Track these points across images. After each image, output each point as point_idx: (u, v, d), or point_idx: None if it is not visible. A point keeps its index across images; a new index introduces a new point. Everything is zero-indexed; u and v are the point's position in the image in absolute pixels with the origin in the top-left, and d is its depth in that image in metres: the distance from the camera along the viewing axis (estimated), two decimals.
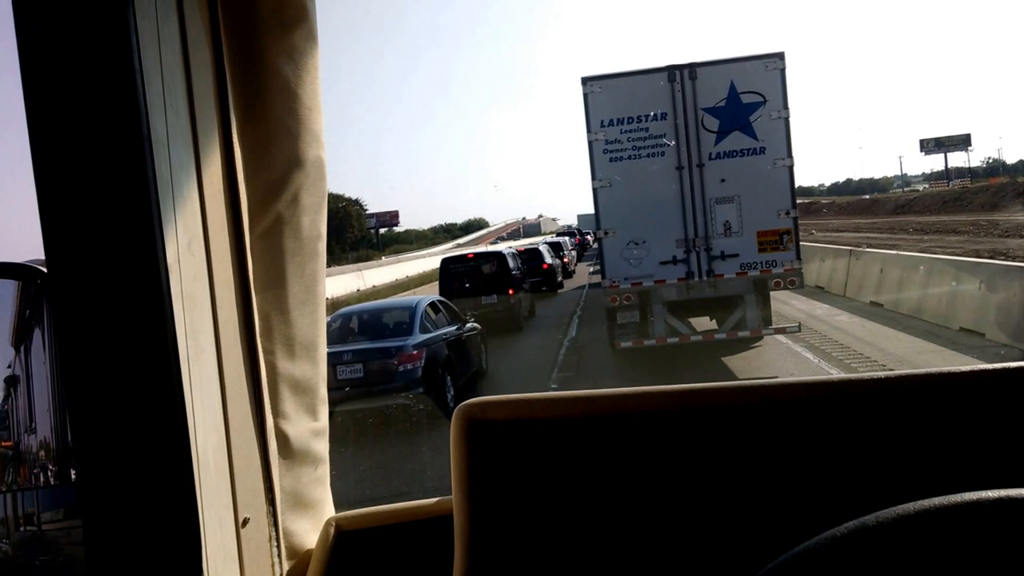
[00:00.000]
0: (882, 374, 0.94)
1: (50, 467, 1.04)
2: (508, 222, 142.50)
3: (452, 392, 10.72)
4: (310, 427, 1.11)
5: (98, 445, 0.77)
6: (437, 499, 1.15)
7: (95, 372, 0.76)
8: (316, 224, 1.08)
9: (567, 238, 42.16)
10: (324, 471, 1.17)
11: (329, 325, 11.66)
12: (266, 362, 1.02)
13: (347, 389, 9.71)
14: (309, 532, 1.12)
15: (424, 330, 10.75)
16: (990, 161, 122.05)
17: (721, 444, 0.92)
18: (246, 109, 0.98)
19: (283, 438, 1.05)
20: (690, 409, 0.94)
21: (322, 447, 1.15)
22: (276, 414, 1.04)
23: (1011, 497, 0.61)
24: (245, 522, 0.95)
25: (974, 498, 0.61)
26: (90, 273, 0.76)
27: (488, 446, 0.93)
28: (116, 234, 0.76)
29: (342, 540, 1.13)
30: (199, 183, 0.90)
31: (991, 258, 16.48)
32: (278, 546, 1.04)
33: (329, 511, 1.18)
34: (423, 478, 6.98)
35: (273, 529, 1.02)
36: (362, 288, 39.95)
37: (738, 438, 0.92)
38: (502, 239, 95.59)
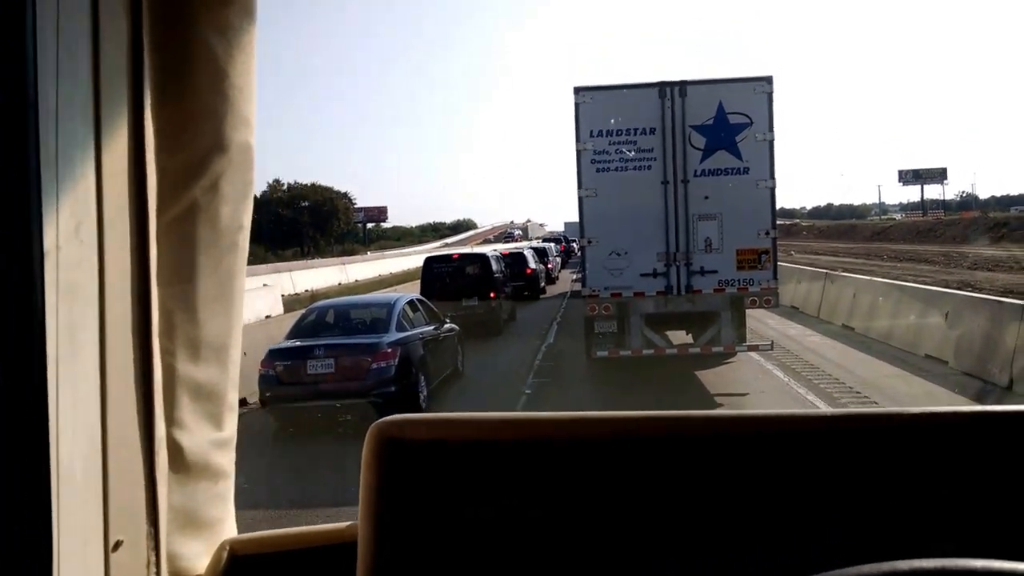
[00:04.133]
0: (826, 412, 0.91)
1: None
2: (496, 225, 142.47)
3: (425, 392, 10.68)
4: (212, 438, 1.01)
5: None
6: (347, 524, 1.04)
7: None
8: (238, 215, 0.99)
9: (553, 244, 42.27)
10: (226, 487, 1.07)
11: (303, 318, 11.63)
12: (164, 364, 0.92)
13: (301, 385, 9.53)
14: (201, 556, 1.02)
15: (400, 328, 10.68)
16: (964, 195, 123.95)
17: (655, 476, 0.87)
18: (164, 83, 0.90)
19: (176, 449, 0.95)
20: (623, 438, 0.89)
21: (225, 460, 1.05)
22: (171, 423, 0.95)
23: (947, 568, 0.58)
24: (117, 545, 0.85)
25: (906, 568, 0.58)
26: None
27: (403, 469, 0.86)
28: None
29: (236, 565, 1.03)
30: (97, 160, 0.82)
31: (959, 289, 16.73)
32: (158, 572, 0.93)
33: (230, 531, 1.08)
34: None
35: (153, 552, 0.92)
36: (344, 282, 39.81)
37: (671, 471, 0.87)
38: (489, 241, 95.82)
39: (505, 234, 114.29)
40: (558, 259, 39.23)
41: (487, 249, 29.57)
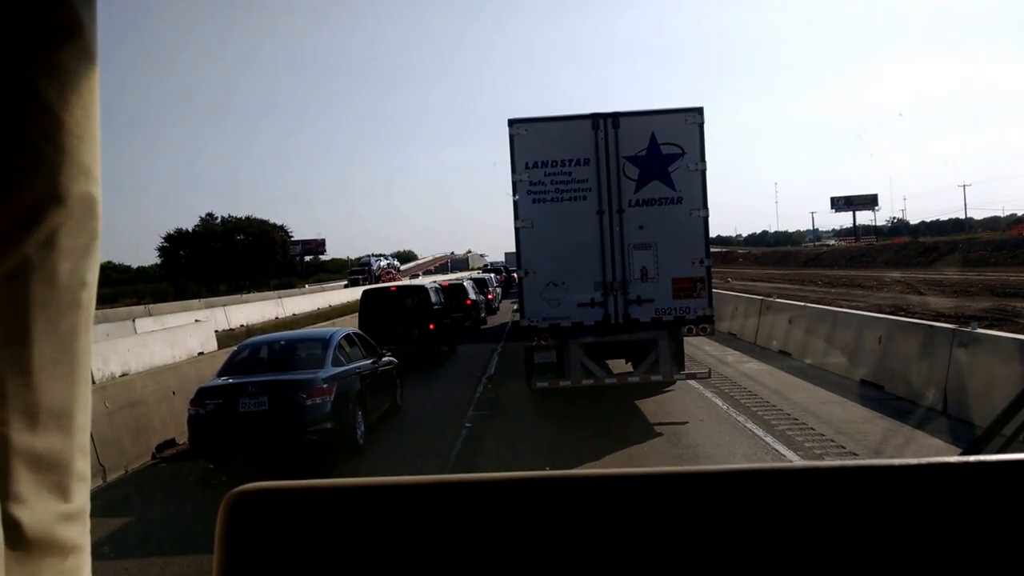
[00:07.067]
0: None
1: None
2: (437, 256, 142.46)
3: (363, 428, 10.48)
4: (58, 510, 0.94)
5: None
6: None
7: None
8: (80, 271, 0.94)
9: (493, 275, 42.42)
10: (79, 561, 1.00)
11: (236, 354, 11.27)
12: None
13: (233, 425, 9.23)
14: None
15: (337, 363, 10.39)
16: (894, 221, 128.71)
17: (519, 544, 0.81)
18: None
19: (13, 525, 0.89)
20: (493, 500, 0.83)
21: (76, 533, 0.97)
22: (6, 497, 0.89)
23: None
24: None
25: None
26: None
27: (258, 543, 0.80)
28: None
29: None
30: None
31: (892, 314, 17.23)
32: None
33: None
34: None
35: None
36: (281, 315, 39.16)
37: (539, 535, 0.82)
38: (429, 272, 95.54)
39: (361, 261, 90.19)
40: (499, 289, 39.35)
41: (427, 280, 29.46)
